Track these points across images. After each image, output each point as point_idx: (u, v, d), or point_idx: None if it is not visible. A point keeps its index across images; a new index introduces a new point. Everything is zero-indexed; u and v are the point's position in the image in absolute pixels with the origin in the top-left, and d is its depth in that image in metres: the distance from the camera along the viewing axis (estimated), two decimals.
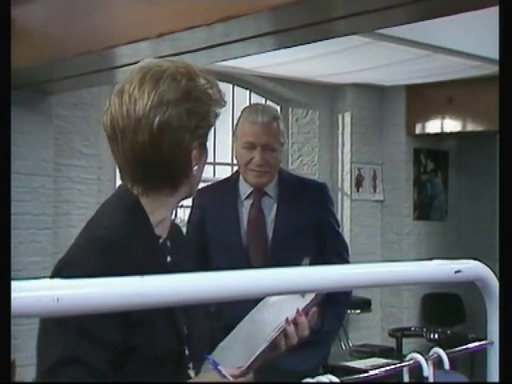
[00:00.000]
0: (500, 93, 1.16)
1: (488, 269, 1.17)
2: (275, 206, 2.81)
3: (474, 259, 1.16)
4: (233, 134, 2.96)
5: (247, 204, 2.83)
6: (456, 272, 1.11)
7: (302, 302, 1.61)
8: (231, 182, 2.90)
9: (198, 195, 2.73)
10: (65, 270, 1.42)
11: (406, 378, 1.15)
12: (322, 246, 2.84)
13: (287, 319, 1.57)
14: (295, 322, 1.59)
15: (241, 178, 2.84)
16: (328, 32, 3.48)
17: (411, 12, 3.14)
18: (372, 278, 1.05)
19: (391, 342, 6.23)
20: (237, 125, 2.87)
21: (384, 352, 5.73)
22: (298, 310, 1.59)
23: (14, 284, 0.72)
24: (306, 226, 2.81)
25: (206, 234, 2.84)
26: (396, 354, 5.78)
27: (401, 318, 6.92)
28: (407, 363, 1.13)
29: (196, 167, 1.51)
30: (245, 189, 2.84)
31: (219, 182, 3.10)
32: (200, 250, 2.78)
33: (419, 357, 1.12)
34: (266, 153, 2.75)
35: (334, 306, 2.68)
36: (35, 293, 0.73)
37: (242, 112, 2.87)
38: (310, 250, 2.68)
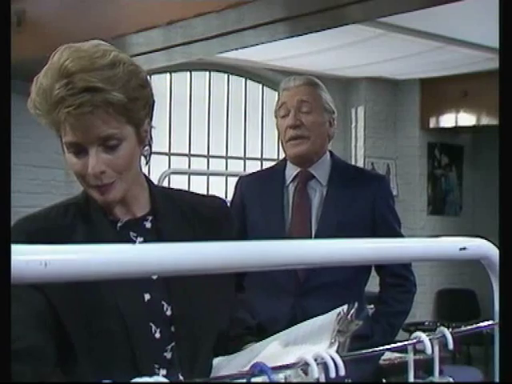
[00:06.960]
0: (500, 86, 1.12)
1: (495, 248, 1.14)
2: (324, 191, 2.53)
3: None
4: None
5: (292, 188, 2.56)
6: (461, 249, 1.08)
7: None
8: (278, 168, 2.64)
9: (242, 180, 2.66)
10: None
11: (411, 357, 1.12)
12: None
13: None
14: None
15: (288, 162, 2.59)
16: (342, 18, 3.43)
17: None
18: (374, 254, 1.03)
19: (404, 337, 6.19)
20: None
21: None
22: None
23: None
24: (359, 221, 2.50)
25: (247, 219, 2.61)
26: None
27: (414, 313, 6.87)
28: (411, 342, 1.10)
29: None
30: (290, 171, 2.57)
31: (266, 168, 2.90)
32: (239, 234, 2.42)
33: (423, 335, 1.09)
34: (301, 114, 2.47)
35: (388, 317, 2.52)
36: (22, 257, 0.71)
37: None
38: None
